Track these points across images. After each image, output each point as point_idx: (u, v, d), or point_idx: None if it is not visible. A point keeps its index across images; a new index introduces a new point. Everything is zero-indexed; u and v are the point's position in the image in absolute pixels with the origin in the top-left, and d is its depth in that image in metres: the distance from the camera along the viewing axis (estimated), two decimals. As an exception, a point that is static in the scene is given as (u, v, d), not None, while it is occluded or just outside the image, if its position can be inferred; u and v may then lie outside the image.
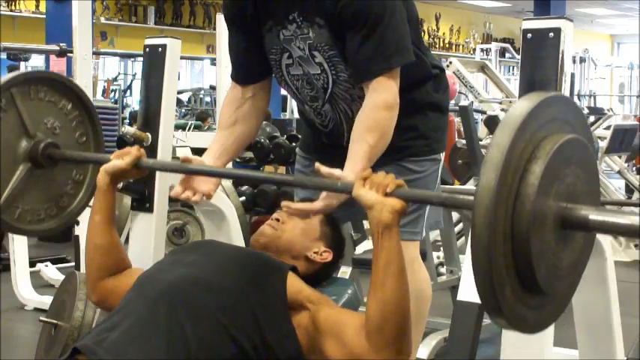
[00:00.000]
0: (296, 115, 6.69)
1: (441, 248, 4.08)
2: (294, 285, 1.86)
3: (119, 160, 2.09)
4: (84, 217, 4.04)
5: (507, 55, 13.06)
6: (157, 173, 2.82)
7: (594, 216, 1.43)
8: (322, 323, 1.80)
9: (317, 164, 1.96)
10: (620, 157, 7.11)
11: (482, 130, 6.78)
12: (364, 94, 2.24)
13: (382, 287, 1.71)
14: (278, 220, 2.09)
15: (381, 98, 2.12)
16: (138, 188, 2.84)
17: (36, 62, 11.22)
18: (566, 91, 2.17)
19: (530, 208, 1.38)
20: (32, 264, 4.74)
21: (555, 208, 1.43)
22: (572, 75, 12.10)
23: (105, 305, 2.10)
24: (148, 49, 2.87)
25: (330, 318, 1.81)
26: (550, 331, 1.92)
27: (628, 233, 1.45)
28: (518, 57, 2.39)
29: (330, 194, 1.97)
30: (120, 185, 2.81)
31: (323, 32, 2.17)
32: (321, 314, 1.82)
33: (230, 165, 4.82)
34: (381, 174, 1.74)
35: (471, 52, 16.18)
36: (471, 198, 1.44)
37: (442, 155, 2.47)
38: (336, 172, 1.93)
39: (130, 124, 8.31)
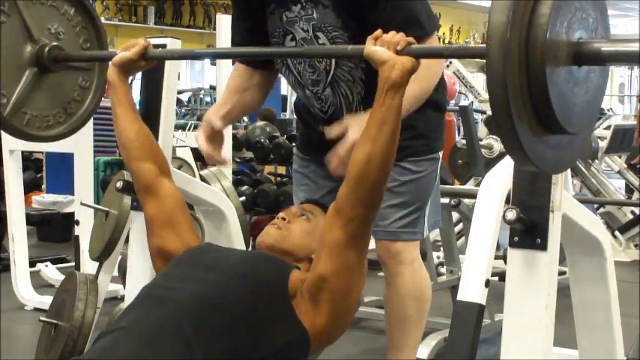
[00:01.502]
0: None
1: (441, 248, 4.08)
2: (296, 279, 1.83)
3: (126, 51, 2.11)
4: (84, 218, 4.07)
5: (507, 55, 13.05)
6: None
7: (607, 47, 1.42)
8: (312, 263, 1.83)
9: (327, 128, 2.04)
10: (620, 157, 7.12)
11: (482, 130, 6.78)
12: (364, 76, 2.25)
13: (373, 142, 1.73)
14: (284, 219, 2.06)
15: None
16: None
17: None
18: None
19: (543, 39, 1.37)
20: (32, 264, 4.73)
21: (568, 42, 1.42)
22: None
23: (147, 207, 2.09)
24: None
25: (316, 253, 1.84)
26: (550, 331, 1.92)
27: None
28: (518, 57, 2.39)
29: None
30: (119, 185, 2.81)
31: (327, 12, 2.18)
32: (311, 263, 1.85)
33: (230, 165, 4.83)
34: (392, 33, 1.75)
35: (471, 52, 16.19)
36: (482, 46, 1.42)
37: (441, 154, 2.47)
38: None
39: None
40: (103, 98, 2.60)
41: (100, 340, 1.79)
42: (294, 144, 4.38)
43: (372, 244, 3.48)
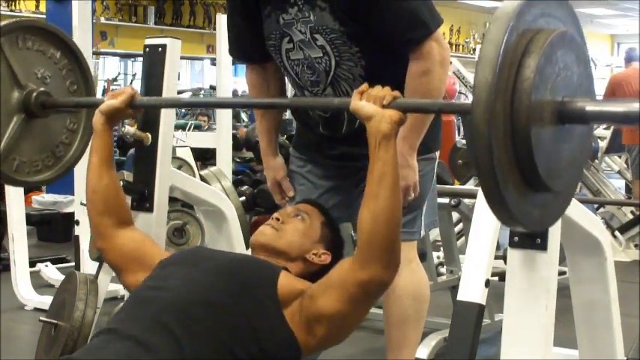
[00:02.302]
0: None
1: (441, 248, 4.08)
2: (286, 286, 1.84)
3: (113, 99, 2.10)
4: (84, 218, 4.07)
5: (507, 55, 13.05)
6: (157, 174, 2.82)
7: (591, 107, 1.43)
8: (312, 292, 1.81)
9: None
10: (620, 157, 7.11)
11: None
12: (365, 73, 2.25)
13: (375, 199, 1.72)
14: (278, 219, 2.08)
15: (419, 66, 2.20)
16: (138, 188, 2.84)
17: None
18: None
19: (528, 102, 1.38)
20: (32, 264, 4.73)
21: (552, 102, 1.43)
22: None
23: (106, 256, 2.09)
24: (148, 49, 2.87)
25: (318, 282, 1.83)
26: (550, 331, 1.92)
27: (625, 121, 1.46)
28: (518, 57, 2.38)
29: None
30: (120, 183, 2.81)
31: (324, 15, 2.18)
32: (311, 288, 1.83)
33: (230, 165, 4.82)
34: (377, 87, 1.75)
35: (471, 52, 16.17)
36: (469, 103, 1.43)
37: (437, 154, 2.47)
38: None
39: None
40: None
41: (91, 341, 1.80)
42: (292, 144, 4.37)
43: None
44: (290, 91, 2.60)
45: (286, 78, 2.44)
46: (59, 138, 2.44)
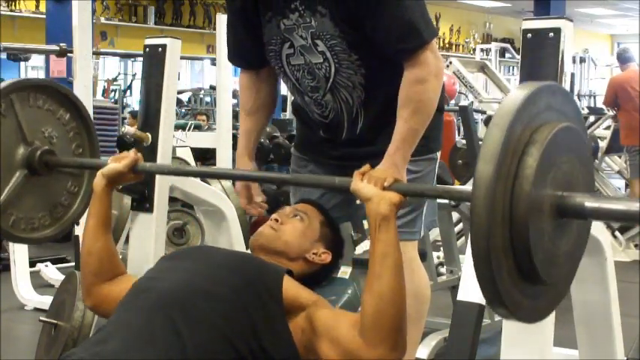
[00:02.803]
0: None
1: (441, 248, 4.08)
2: (291, 289, 1.84)
3: (116, 163, 2.10)
4: (84, 218, 4.07)
5: (507, 55, 13.05)
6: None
7: (590, 203, 1.44)
8: (318, 324, 1.79)
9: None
10: (620, 157, 7.11)
11: (482, 130, 6.78)
12: (364, 81, 2.25)
13: (378, 280, 1.71)
14: (277, 220, 2.08)
15: (413, 74, 2.17)
16: (138, 188, 2.84)
17: (36, 62, 11.22)
18: (566, 91, 2.17)
19: (528, 191, 1.38)
20: (32, 264, 4.74)
21: (552, 195, 1.44)
22: (572, 75, 12.10)
23: (100, 311, 2.09)
24: (148, 49, 2.87)
25: (326, 319, 1.80)
26: (550, 331, 1.92)
27: (624, 219, 1.46)
28: (518, 57, 2.39)
29: None
30: (119, 185, 2.82)
31: (325, 21, 2.18)
32: (317, 315, 1.81)
33: (230, 165, 4.82)
34: (379, 169, 1.76)
35: (471, 52, 16.17)
36: (469, 189, 1.44)
37: (438, 154, 2.47)
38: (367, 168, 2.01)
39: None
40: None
41: (94, 335, 1.81)
42: (293, 144, 4.39)
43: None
44: (289, 97, 2.60)
45: (285, 85, 2.43)
46: (59, 199, 2.46)
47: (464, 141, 5.90)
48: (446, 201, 3.70)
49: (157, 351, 1.68)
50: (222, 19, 4.69)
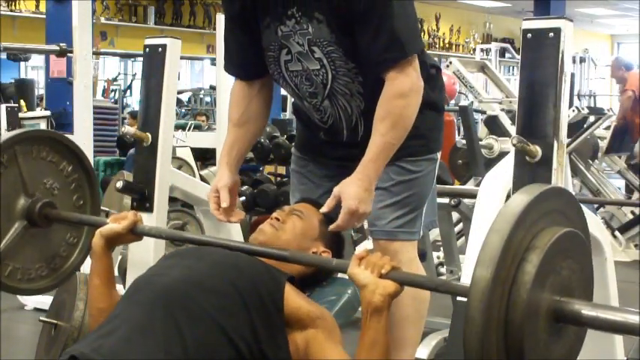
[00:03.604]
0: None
1: (441, 248, 4.08)
2: (293, 300, 1.84)
3: (115, 223, 2.09)
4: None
5: (507, 55, 13.06)
6: (157, 171, 2.82)
7: (587, 311, 1.43)
8: (313, 353, 1.80)
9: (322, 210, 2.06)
10: (620, 157, 7.11)
11: (482, 130, 6.77)
12: (363, 89, 2.24)
13: None
14: (278, 219, 2.08)
15: (394, 87, 2.14)
16: (138, 188, 2.84)
17: (36, 62, 11.23)
18: (566, 91, 2.17)
19: (526, 296, 1.38)
20: (32, 264, 4.73)
21: (550, 300, 1.43)
22: (572, 75, 12.09)
23: None
24: (147, 49, 2.88)
25: (322, 353, 1.81)
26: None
27: (622, 331, 1.44)
28: (518, 57, 2.39)
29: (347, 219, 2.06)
30: (119, 185, 2.81)
31: (322, 27, 2.18)
32: (315, 343, 1.82)
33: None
34: (377, 255, 1.75)
35: (471, 52, 16.17)
36: (466, 285, 1.43)
37: (439, 154, 2.47)
38: (335, 190, 2.07)
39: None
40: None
41: (95, 330, 1.82)
42: (293, 144, 4.40)
43: (370, 243, 3.45)
44: (289, 97, 2.59)
45: (285, 90, 2.42)
46: (57, 250, 2.45)
47: (464, 141, 5.89)
48: (446, 201, 3.70)
49: (157, 345, 1.68)
50: (222, 19, 4.69)
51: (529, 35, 2.16)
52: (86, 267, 3.91)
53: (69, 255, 2.48)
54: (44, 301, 4.14)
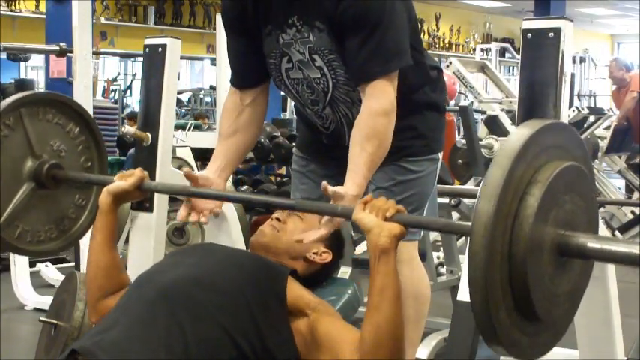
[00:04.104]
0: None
1: (441, 248, 4.08)
2: (294, 290, 1.85)
3: (122, 181, 2.10)
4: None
5: (507, 55, 13.05)
6: (157, 174, 2.82)
7: (592, 244, 1.42)
8: (320, 334, 1.79)
9: (324, 183, 2.00)
10: (620, 157, 7.11)
11: (482, 130, 6.77)
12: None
13: (377, 311, 1.70)
14: (279, 219, 2.08)
15: (378, 104, 2.11)
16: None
17: (36, 62, 11.22)
18: (566, 91, 2.17)
19: (528, 230, 1.37)
20: (32, 264, 4.73)
21: (553, 234, 1.42)
22: (572, 75, 12.10)
23: None
24: (147, 49, 2.87)
25: (328, 330, 1.80)
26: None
27: (626, 261, 1.43)
28: (518, 57, 2.39)
29: (331, 219, 1.98)
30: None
31: (323, 36, 2.17)
32: (320, 324, 1.81)
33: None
34: (382, 199, 1.74)
35: (471, 52, 16.16)
36: (469, 224, 1.42)
37: (440, 155, 2.47)
38: (339, 189, 1.99)
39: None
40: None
41: (97, 325, 1.83)
42: (294, 144, 4.40)
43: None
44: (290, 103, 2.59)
45: (287, 96, 2.42)
46: (66, 212, 2.46)
47: (464, 141, 5.89)
48: (446, 201, 3.70)
49: (158, 341, 1.69)
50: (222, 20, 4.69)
51: (529, 35, 2.16)
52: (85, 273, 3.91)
53: (78, 217, 2.49)
54: (44, 301, 4.14)
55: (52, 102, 2.42)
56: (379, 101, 2.11)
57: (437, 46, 16.39)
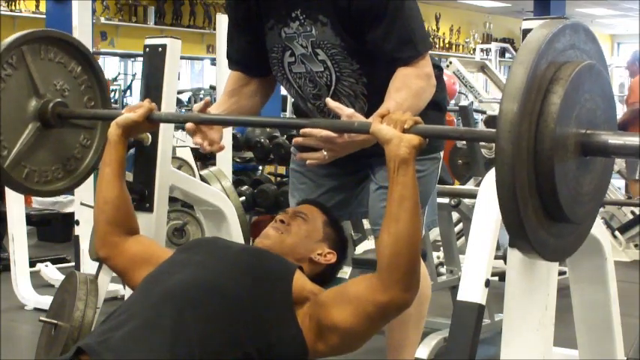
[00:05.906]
0: (296, 115, 6.69)
1: (441, 248, 4.08)
2: (299, 282, 1.86)
3: (131, 112, 2.11)
4: (84, 218, 4.07)
5: (507, 55, 13.05)
6: (157, 174, 2.82)
7: (614, 140, 1.44)
8: (325, 300, 1.81)
9: (327, 99, 2.00)
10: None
11: (482, 130, 6.77)
12: (367, 91, 2.25)
13: (396, 222, 1.72)
14: (282, 221, 2.08)
15: (414, 70, 2.14)
16: (138, 188, 2.84)
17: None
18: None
19: (553, 128, 1.38)
20: (32, 264, 4.73)
21: (576, 132, 1.43)
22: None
23: (111, 263, 2.10)
24: (147, 49, 2.87)
25: (332, 292, 1.83)
26: (550, 331, 1.92)
27: None
28: (518, 57, 2.38)
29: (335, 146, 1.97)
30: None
31: (326, 30, 2.18)
32: (323, 296, 1.83)
33: (230, 165, 4.83)
34: (399, 112, 1.75)
35: (471, 52, 16.16)
36: (493, 130, 1.42)
37: (441, 154, 2.47)
38: (347, 109, 1.98)
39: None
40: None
41: (104, 322, 1.83)
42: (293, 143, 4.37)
43: (371, 243, 3.46)
44: (289, 97, 2.59)
45: (288, 92, 2.42)
46: (72, 152, 2.46)
47: (464, 141, 5.89)
48: (446, 201, 3.70)
49: (163, 343, 1.69)
50: (222, 19, 4.69)
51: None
52: (87, 266, 3.90)
53: (84, 157, 2.49)
54: (44, 301, 4.14)
55: (53, 40, 2.40)
56: (415, 68, 2.14)
57: (437, 46, 16.37)
